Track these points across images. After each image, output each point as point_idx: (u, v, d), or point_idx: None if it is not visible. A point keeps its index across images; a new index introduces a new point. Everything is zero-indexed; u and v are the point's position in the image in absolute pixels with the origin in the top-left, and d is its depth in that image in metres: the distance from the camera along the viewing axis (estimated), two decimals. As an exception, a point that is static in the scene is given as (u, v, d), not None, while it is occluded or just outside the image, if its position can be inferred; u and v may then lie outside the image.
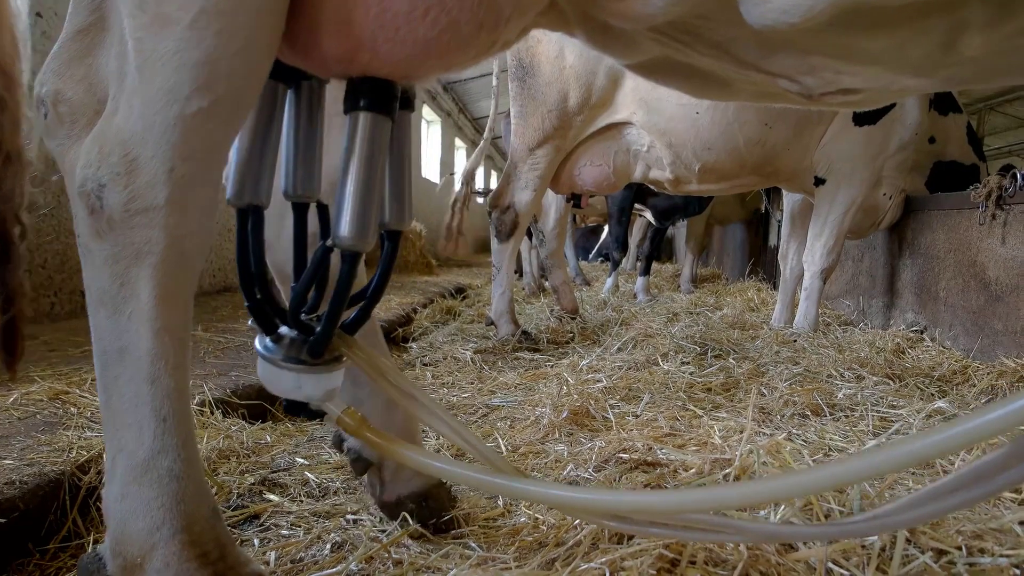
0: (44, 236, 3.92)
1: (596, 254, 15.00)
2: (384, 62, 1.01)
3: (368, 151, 1.06)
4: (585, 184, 4.38)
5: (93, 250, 1.00)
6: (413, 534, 1.48)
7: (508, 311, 4.20)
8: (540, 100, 4.04)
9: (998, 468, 0.71)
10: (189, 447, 1.05)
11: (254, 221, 1.12)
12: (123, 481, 1.02)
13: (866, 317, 5.00)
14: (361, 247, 1.07)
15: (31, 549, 1.45)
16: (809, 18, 0.91)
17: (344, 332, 1.17)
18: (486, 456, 1.10)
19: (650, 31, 1.09)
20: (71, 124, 1.08)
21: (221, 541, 1.06)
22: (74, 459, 1.63)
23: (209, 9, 0.87)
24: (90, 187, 0.96)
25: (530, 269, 7.92)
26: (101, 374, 1.04)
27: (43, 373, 2.44)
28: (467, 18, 0.97)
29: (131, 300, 0.99)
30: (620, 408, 2.54)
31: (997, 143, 20.83)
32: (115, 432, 1.03)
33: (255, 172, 1.11)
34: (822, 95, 1.16)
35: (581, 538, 1.34)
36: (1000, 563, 1.21)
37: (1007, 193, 3.40)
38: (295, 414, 1.19)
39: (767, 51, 1.07)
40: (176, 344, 1.03)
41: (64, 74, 1.07)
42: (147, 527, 1.00)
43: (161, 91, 0.90)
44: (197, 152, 0.94)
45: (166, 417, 1.02)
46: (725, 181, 4.27)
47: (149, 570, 1.00)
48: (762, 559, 1.20)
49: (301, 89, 1.15)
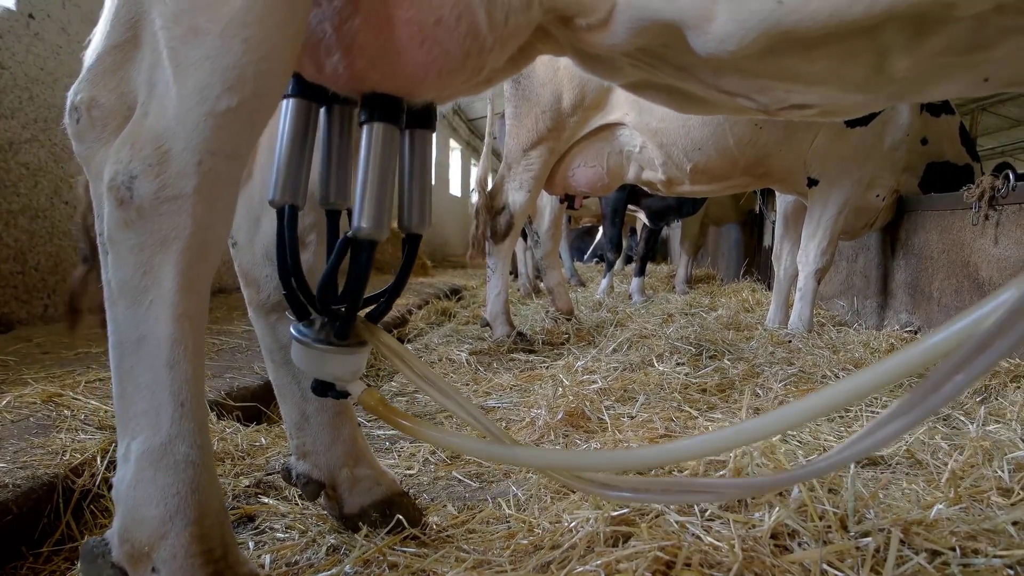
0: (37, 238, 3.91)
1: (591, 255, 15.02)
2: (389, 81, 1.21)
3: (381, 155, 1.24)
4: (579, 185, 4.38)
5: (119, 241, 1.06)
6: (407, 538, 1.48)
7: (503, 312, 4.20)
8: (534, 101, 4.04)
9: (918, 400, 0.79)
10: (204, 435, 1.09)
11: (290, 218, 1.28)
12: (138, 467, 1.04)
13: (860, 318, 5.02)
14: (378, 236, 1.24)
15: (24, 552, 1.44)
16: (743, 46, 1.07)
17: (369, 322, 1.33)
18: (494, 432, 1.24)
19: (625, 56, 1.25)
20: (102, 128, 1.15)
21: (226, 539, 1.09)
22: (68, 462, 1.62)
23: (237, 21, 1.00)
24: (120, 180, 1.04)
25: (525, 270, 7.92)
26: (117, 365, 1.07)
27: (36, 376, 2.43)
28: (455, 48, 1.17)
29: (153, 288, 1.05)
30: (615, 409, 2.54)
31: (990, 143, 20.92)
32: (129, 420, 1.06)
33: (293, 177, 1.28)
34: (778, 110, 1.31)
35: (576, 541, 1.34)
36: (994, 564, 1.22)
37: (999, 194, 3.41)
38: (322, 394, 1.32)
39: (719, 74, 1.23)
40: (195, 331, 1.08)
41: (99, 83, 1.15)
42: (160, 515, 1.02)
43: (194, 91, 1.01)
44: (223, 148, 1.04)
45: (184, 402, 1.05)
46: (717, 182, 4.27)
47: (155, 559, 1.02)
48: (756, 561, 1.20)
49: (333, 110, 1.32)
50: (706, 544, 1.27)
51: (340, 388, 1.30)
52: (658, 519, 1.41)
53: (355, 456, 1.55)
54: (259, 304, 1.51)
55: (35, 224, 3.89)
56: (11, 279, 3.71)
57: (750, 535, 1.29)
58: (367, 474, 1.55)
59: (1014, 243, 3.32)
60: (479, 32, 1.17)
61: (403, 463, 2.08)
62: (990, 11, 0.96)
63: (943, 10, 0.97)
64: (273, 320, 1.51)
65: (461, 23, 1.15)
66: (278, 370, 1.53)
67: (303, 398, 1.53)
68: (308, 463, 1.53)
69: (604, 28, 1.18)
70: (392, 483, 1.58)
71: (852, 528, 1.33)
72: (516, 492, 1.80)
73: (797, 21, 1.02)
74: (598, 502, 1.50)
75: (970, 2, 0.95)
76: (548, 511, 1.60)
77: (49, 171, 4.01)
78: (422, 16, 1.13)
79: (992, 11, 0.96)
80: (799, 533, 1.31)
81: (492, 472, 2.01)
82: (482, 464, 2.05)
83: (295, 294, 1.30)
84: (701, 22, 1.08)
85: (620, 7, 1.14)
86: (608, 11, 1.15)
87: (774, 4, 1.02)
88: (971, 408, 2.49)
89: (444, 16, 1.14)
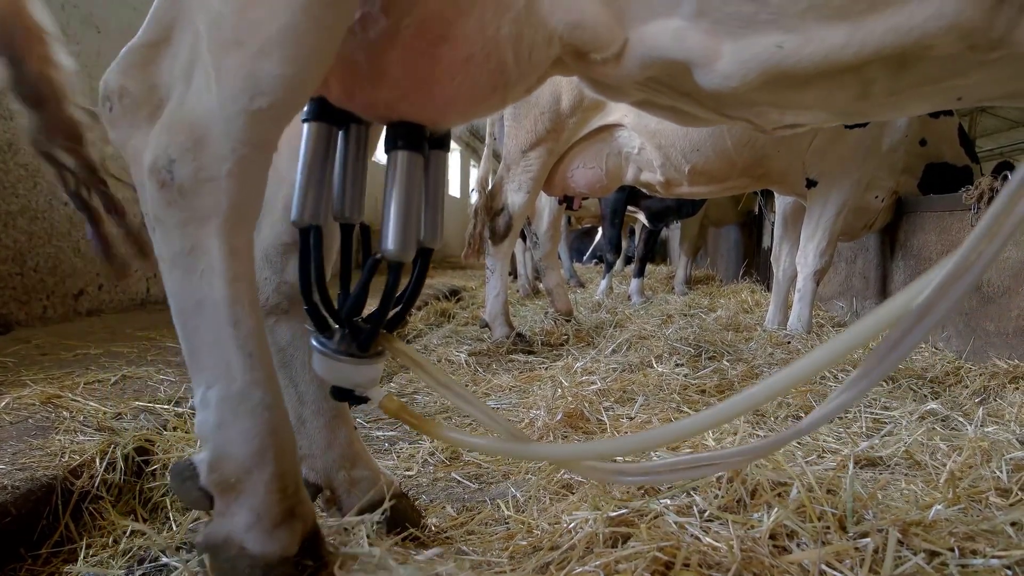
0: (36, 239, 3.90)
1: (590, 256, 15.02)
2: (419, 111, 1.29)
3: (406, 181, 1.30)
4: (578, 186, 4.38)
5: (165, 218, 1.16)
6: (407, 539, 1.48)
7: (502, 313, 4.20)
8: (533, 102, 4.04)
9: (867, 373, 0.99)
10: (274, 383, 1.20)
11: (315, 239, 1.33)
12: (219, 411, 1.16)
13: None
14: (404, 258, 1.30)
15: (23, 554, 1.44)
16: (744, 83, 1.17)
17: (385, 331, 1.38)
18: (512, 432, 1.31)
19: (634, 84, 1.35)
20: (133, 114, 1.25)
21: (296, 477, 1.23)
22: (66, 464, 1.62)
23: (275, 40, 1.10)
24: (161, 164, 1.14)
25: (524, 271, 7.93)
26: (183, 328, 1.19)
27: (35, 377, 2.43)
28: (484, 82, 1.26)
29: (202, 257, 1.15)
30: (614, 410, 2.54)
31: (989, 145, 20.94)
32: (202, 370, 1.18)
33: (315, 198, 1.33)
34: (773, 129, 1.43)
35: (575, 542, 1.34)
36: (992, 564, 1.22)
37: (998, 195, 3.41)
38: (342, 400, 1.36)
39: (722, 102, 1.34)
40: (248, 290, 1.19)
41: (128, 73, 1.25)
42: (247, 453, 1.16)
43: (232, 91, 1.11)
44: (253, 140, 1.14)
45: (252, 352, 1.16)
46: (716, 183, 4.27)
47: (242, 492, 1.16)
48: (755, 561, 1.21)
49: (350, 131, 1.38)
50: (705, 544, 1.27)
51: (360, 394, 1.35)
52: (657, 520, 1.42)
53: (352, 458, 1.56)
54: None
55: (34, 225, 3.89)
56: (10, 280, 3.71)
57: (749, 536, 1.29)
58: (365, 476, 1.56)
59: (1012, 244, 3.33)
60: (506, 68, 1.27)
61: (402, 464, 2.08)
62: (964, 49, 1.08)
63: (922, 51, 1.09)
64: (271, 323, 1.51)
65: (490, 60, 1.24)
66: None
67: (299, 402, 1.54)
68: (305, 466, 1.53)
69: (616, 62, 1.27)
70: (390, 484, 1.58)
71: (851, 529, 1.33)
72: (515, 493, 1.80)
73: (795, 63, 1.13)
74: (597, 503, 1.50)
75: (947, 44, 1.07)
76: (547, 512, 1.60)
77: (48, 172, 4.01)
78: (455, 53, 1.22)
79: (966, 49, 1.08)
80: (798, 534, 1.31)
81: (491, 473, 2.01)
82: (480, 465, 2.06)
83: (318, 309, 1.34)
84: (707, 62, 1.18)
85: (632, 44, 1.24)
86: (620, 47, 1.25)
87: (774, 48, 1.14)
88: (970, 409, 2.49)
89: (475, 53, 1.23)
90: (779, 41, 1.13)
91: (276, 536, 1.16)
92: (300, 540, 1.20)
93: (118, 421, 1.98)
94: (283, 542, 1.17)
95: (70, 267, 4.15)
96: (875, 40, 1.08)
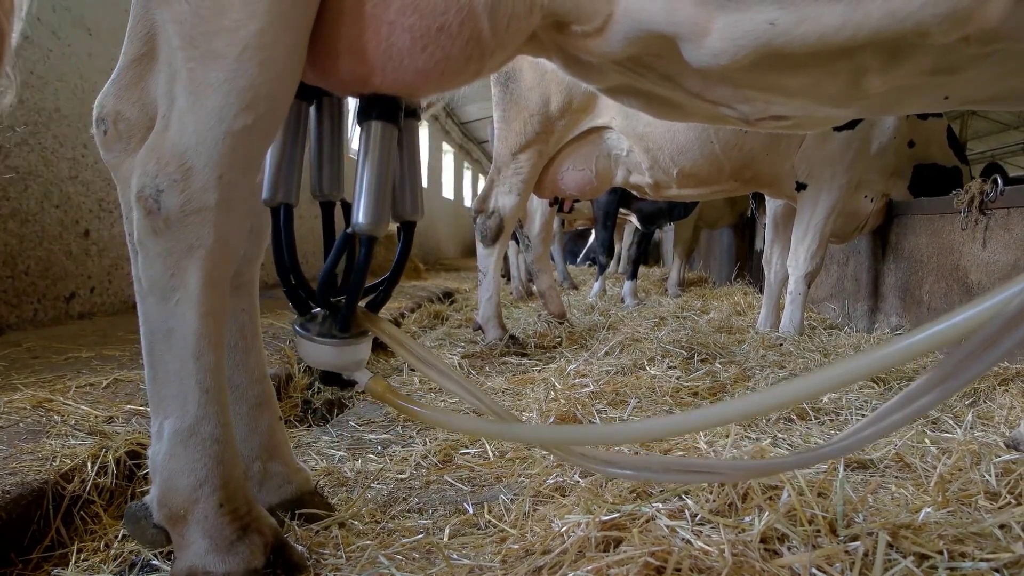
0: (27, 242, 3.89)
1: (583, 258, 15.03)
2: (391, 84, 1.26)
3: (379, 153, 1.27)
4: (568, 188, 4.39)
5: (148, 245, 1.16)
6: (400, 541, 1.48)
7: (495, 316, 4.20)
8: (522, 105, 4.05)
9: (922, 392, 0.93)
10: (225, 415, 1.23)
11: (286, 217, 1.32)
12: (170, 443, 1.20)
13: (851, 321, 5.04)
14: (376, 232, 1.27)
15: (13, 559, 1.43)
16: (734, 61, 1.14)
17: (369, 311, 1.38)
18: (495, 410, 1.31)
19: (613, 63, 1.32)
20: (128, 139, 1.25)
21: (249, 499, 1.26)
22: (57, 468, 1.62)
23: (253, 45, 1.08)
24: (148, 192, 1.14)
25: (517, 273, 7.93)
26: (149, 352, 1.21)
27: (26, 380, 2.41)
28: (458, 53, 1.22)
29: (180, 288, 1.16)
30: (607, 413, 2.54)
31: (980, 147, 21.06)
32: (160, 401, 1.21)
33: (286, 177, 1.31)
34: (757, 120, 1.40)
35: (567, 546, 1.34)
36: (980, 567, 1.23)
37: (988, 199, 3.44)
38: (330, 384, 1.40)
39: (707, 84, 1.31)
40: (217, 325, 1.21)
41: (123, 97, 1.24)
42: (191, 483, 1.19)
43: (212, 112, 1.10)
44: (240, 161, 1.15)
45: (208, 388, 1.19)
46: (705, 186, 4.29)
47: (191, 520, 1.19)
48: (746, 565, 1.21)
49: (323, 105, 1.35)
50: (696, 549, 1.28)
51: (347, 377, 1.35)
52: (648, 524, 1.42)
53: (270, 450, 1.55)
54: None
55: (25, 228, 3.87)
56: (1, 283, 3.69)
57: (740, 539, 1.29)
58: (279, 471, 1.56)
59: (1002, 247, 3.35)
60: (482, 38, 1.23)
61: (395, 467, 2.08)
62: (958, 40, 1.07)
63: (918, 38, 1.07)
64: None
65: (464, 29, 1.21)
66: None
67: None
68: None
69: (599, 35, 1.24)
70: (305, 482, 1.59)
71: (841, 532, 1.34)
72: (507, 497, 1.80)
73: (787, 41, 1.10)
74: (589, 506, 1.51)
75: (942, 33, 1.05)
76: (539, 516, 1.61)
77: (39, 175, 3.99)
78: (425, 23, 1.19)
79: (960, 40, 1.07)
80: (788, 537, 1.32)
81: (483, 476, 2.01)
82: (474, 469, 2.06)
83: (295, 290, 1.34)
84: (697, 36, 1.15)
85: (618, 16, 1.19)
86: (605, 20, 1.21)
87: (767, 25, 1.10)
88: (960, 412, 2.50)
89: (448, 23, 1.20)
90: (773, 18, 1.09)
91: (236, 552, 1.19)
92: (264, 552, 1.22)
93: (110, 425, 1.97)
94: (244, 556, 1.19)
95: (61, 270, 4.13)
96: (871, 24, 1.06)
